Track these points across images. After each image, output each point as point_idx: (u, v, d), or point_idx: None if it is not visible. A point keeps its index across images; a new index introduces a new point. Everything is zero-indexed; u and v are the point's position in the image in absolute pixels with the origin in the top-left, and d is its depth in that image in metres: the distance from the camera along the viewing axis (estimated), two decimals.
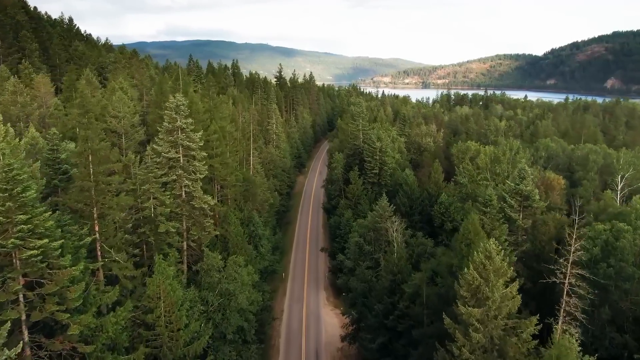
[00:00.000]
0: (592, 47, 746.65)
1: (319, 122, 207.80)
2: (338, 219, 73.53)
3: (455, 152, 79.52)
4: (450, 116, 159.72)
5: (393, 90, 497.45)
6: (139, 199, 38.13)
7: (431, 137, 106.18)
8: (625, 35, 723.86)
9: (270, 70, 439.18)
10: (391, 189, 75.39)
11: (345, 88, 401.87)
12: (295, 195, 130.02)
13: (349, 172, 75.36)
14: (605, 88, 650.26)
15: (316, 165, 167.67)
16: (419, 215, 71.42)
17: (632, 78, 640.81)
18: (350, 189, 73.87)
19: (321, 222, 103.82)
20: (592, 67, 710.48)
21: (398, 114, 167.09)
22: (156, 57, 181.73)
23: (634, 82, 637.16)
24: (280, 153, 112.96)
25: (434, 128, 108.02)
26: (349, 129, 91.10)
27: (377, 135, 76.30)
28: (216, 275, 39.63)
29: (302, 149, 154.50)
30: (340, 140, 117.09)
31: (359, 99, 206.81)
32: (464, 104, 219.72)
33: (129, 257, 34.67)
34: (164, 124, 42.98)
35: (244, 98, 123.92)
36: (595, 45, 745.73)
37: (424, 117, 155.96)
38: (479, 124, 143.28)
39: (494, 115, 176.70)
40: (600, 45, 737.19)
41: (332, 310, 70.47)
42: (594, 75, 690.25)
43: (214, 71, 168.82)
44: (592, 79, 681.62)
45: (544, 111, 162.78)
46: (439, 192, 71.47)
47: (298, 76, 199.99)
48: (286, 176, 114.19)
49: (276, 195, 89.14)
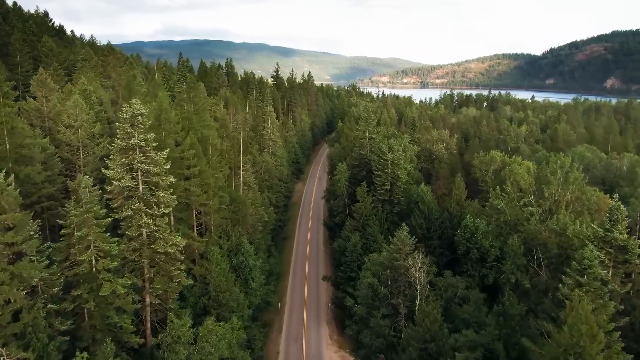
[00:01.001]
0: (591, 46, 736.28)
1: (318, 124, 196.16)
2: (343, 242, 62.13)
3: (477, 164, 68.17)
4: (458, 118, 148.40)
5: (392, 90, 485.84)
6: (73, 248, 26.69)
7: (443, 143, 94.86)
8: (624, 34, 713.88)
9: (268, 70, 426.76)
10: (404, 207, 64.16)
11: (345, 88, 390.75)
12: (293, 205, 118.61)
13: (356, 188, 63.80)
14: (605, 88, 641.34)
15: (315, 170, 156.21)
16: (438, 239, 60.23)
17: (632, 78, 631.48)
18: (357, 207, 62.48)
19: (322, 239, 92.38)
20: (591, 66, 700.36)
21: (402, 116, 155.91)
22: (153, 57, 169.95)
23: (634, 81, 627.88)
24: (277, 161, 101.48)
25: (446, 133, 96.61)
26: (353, 135, 79.77)
27: (388, 145, 64.75)
28: (183, 352, 28.23)
29: (300, 154, 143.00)
30: (342, 147, 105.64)
31: (362, 100, 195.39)
32: (469, 105, 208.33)
33: (50, 340, 23.27)
34: (115, 140, 31.47)
35: (237, 100, 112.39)
36: (594, 44, 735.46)
37: (431, 119, 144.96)
38: (492, 127, 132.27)
39: (503, 117, 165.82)
40: (599, 44, 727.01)
41: (337, 352, 58.90)
42: (593, 75, 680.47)
43: (207, 71, 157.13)
44: (592, 79, 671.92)
45: (559, 113, 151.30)
46: (462, 212, 60.34)
47: (296, 76, 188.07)
48: (283, 186, 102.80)
49: (271, 210, 77.72)
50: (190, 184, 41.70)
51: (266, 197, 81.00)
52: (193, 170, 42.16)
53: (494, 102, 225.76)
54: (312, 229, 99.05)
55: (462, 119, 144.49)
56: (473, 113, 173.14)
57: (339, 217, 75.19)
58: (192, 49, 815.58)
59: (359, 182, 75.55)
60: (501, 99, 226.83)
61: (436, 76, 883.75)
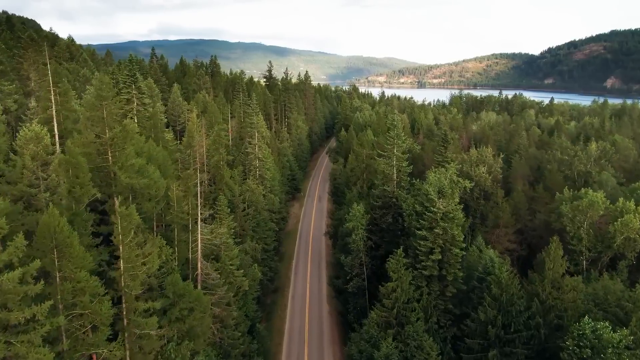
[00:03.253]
0: (590, 46, 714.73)
1: (316, 129, 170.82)
2: (368, 347, 37.40)
3: (568, 211, 43.61)
4: (481, 126, 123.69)
5: (389, 90, 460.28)
6: None
7: (484, 164, 70.16)
8: (623, 34, 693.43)
9: (263, 70, 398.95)
10: (463, 284, 39.55)
11: (342, 88, 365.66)
12: (288, 235, 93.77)
13: (387, 260, 38.84)
14: (606, 87, 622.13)
15: (314, 185, 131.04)
16: (524, 346, 35.94)
17: (632, 77, 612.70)
18: (387, 289, 37.87)
19: (325, 295, 67.76)
20: (590, 66, 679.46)
21: (415, 123, 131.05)
22: (147, 57, 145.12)
23: (635, 81, 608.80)
24: (266, 186, 76.68)
25: (489, 151, 71.78)
26: (378, 167, 55.12)
27: (437, 185, 39.75)
28: None
29: (296, 167, 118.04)
30: (350, 168, 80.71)
31: (365, 104, 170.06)
32: (485, 109, 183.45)
33: None
34: None
35: (216, 107, 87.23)
36: (593, 44, 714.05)
37: (451, 127, 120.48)
38: (532, 138, 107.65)
39: (528, 122, 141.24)
40: (598, 44, 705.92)
41: None
42: (593, 75, 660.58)
43: (185, 70, 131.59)
44: (592, 78, 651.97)
45: (610, 119, 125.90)
46: (562, 301, 36.11)
47: (291, 76, 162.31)
48: (275, 218, 78.16)
49: (255, 269, 52.82)
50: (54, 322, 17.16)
51: (250, 249, 56.16)
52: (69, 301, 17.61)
53: (509, 105, 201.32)
54: (312, 278, 74.37)
55: (485, 127, 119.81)
56: (493, 118, 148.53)
57: (354, 283, 50.56)
58: (187, 49, 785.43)
59: (383, 231, 50.79)
60: (517, 100, 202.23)
61: (433, 76, 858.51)
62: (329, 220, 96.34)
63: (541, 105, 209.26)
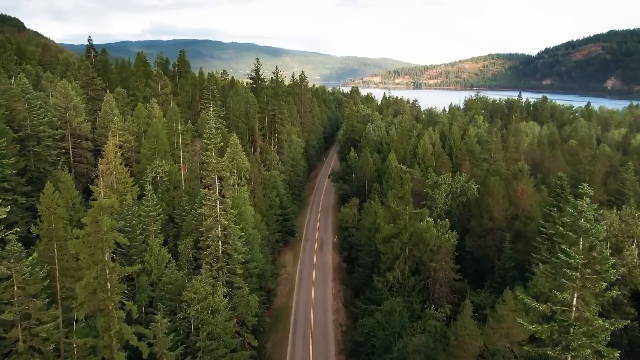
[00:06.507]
0: (588, 46, 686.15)
1: (313, 142, 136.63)
2: None
3: None
4: (533, 144, 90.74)
5: (384, 90, 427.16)
6: None
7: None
8: (622, 34, 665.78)
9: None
10: None
11: (340, 90, 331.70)
12: (276, 319, 59.39)
13: None
14: (606, 88, 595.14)
15: (313, 220, 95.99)
16: None
17: (633, 78, 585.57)
18: None
19: None
20: (589, 66, 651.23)
21: (447, 141, 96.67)
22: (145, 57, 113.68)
23: (635, 82, 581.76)
24: (239, 258, 43.11)
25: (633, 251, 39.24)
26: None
27: None
28: None
29: (289, 202, 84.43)
30: (382, 238, 46.77)
31: (376, 113, 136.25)
32: (526, 117, 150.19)
33: None
34: None
35: (162, 126, 53.33)
36: (591, 44, 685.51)
37: (483, 144, 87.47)
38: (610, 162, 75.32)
39: (582, 135, 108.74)
40: (597, 44, 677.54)
41: None
42: (592, 75, 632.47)
43: (144, 70, 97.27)
44: (591, 79, 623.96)
45: None
46: None
47: (284, 76, 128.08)
48: (250, 320, 45.03)
49: None
50: None
51: None
52: None
53: (537, 111, 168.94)
54: None
55: (543, 145, 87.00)
56: (536, 130, 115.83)
57: None
58: (180, 49, 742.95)
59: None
60: (546, 106, 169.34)
61: (429, 76, 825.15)
62: (337, 293, 63.40)
63: (571, 110, 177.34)
